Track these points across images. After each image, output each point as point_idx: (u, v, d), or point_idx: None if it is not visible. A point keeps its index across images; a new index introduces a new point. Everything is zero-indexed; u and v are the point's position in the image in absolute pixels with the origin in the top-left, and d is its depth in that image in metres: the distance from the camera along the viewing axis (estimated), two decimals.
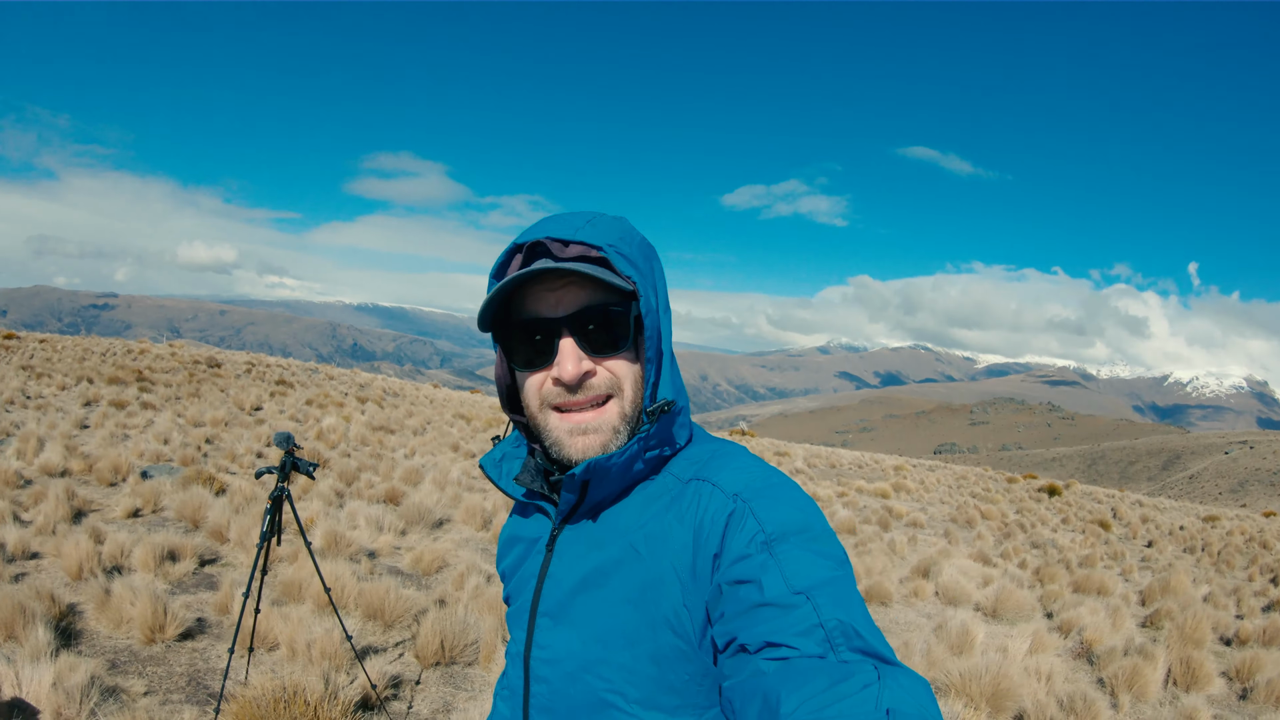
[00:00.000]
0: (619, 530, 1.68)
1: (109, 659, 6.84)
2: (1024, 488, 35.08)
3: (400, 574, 10.19)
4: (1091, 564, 17.06)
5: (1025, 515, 25.82)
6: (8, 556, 8.81)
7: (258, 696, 5.68)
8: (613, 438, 1.66)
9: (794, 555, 1.44)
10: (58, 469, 13.24)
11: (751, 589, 1.42)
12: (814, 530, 1.50)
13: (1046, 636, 9.83)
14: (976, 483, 34.88)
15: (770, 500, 1.54)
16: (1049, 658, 9.00)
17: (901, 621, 10.79)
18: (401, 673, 7.21)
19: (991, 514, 24.25)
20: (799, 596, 1.37)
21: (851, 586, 1.42)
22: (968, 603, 11.87)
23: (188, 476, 13.22)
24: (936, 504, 25.90)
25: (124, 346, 40.22)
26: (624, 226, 1.71)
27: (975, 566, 14.38)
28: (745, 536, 1.49)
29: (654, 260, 1.74)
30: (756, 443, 38.95)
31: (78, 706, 5.64)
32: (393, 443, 21.89)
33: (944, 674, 7.99)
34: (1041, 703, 7.45)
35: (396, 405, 31.49)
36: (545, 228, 1.67)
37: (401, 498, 14.31)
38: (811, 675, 1.25)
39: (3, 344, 35.58)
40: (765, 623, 1.36)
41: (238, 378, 32.81)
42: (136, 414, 21.09)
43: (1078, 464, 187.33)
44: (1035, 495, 32.97)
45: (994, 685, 7.55)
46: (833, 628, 1.32)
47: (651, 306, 1.65)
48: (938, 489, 30.42)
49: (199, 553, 9.71)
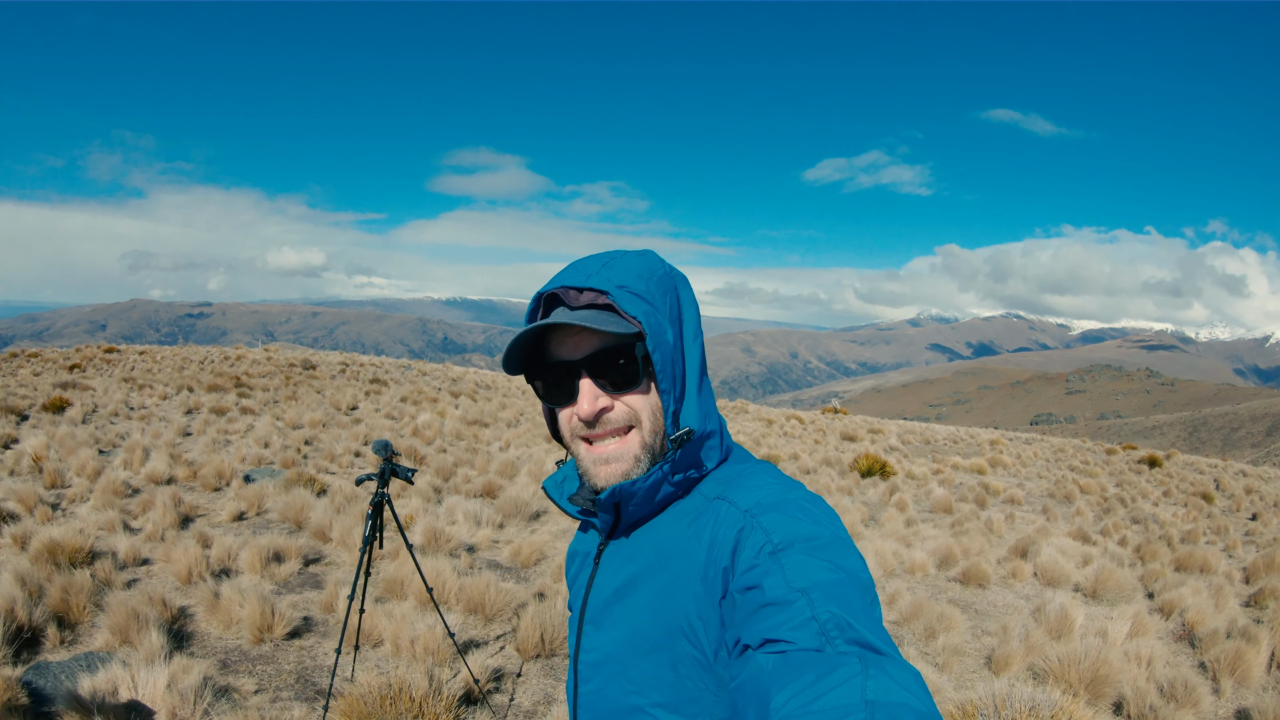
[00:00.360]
0: (649, 545, 1.81)
1: (220, 659, 7.06)
2: (1123, 459, 34.21)
3: (499, 567, 10.33)
4: (1194, 539, 16.52)
5: (1125, 489, 25.14)
6: (119, 564, 9.09)
7: (364, 694, 5.81)
8: (634, 465, 1.78)
9: (797, 560, 1.50)
10: (163, 477, 13.63)
11: (756, 593, 1.49)
12: (821, 539, 1.55)
13: (1147, 618, 9.55)
14: (1074, 455, 34.13)
15: (779, 514, 1.62)
16: (1149, 641, 8.77)
17: (999, 604, 10.60)
18: (503, 666, 7.31)
19: (1090, 488, 23.71)
20: (796, 593, 1.43)
21: (854, 589, 1.46)
22: (1067, 583, 11.61)
23: (289, 479, 13.53)
24: (1034, 479, 25.38)
25: (221, 353, 41.29)
26: (643, 263, 1.81)
27: (1074, 545, 14.05)
28: (754, 548, 1.57)
29: (675, 293, 1.84)
30: (849, 420, 38.57)
31: (192, 707, 5.81)
32: (487, 436, 22.10)
33: (1042, 659, 7.89)
34: (1141, 689, 7.28)
35: (489, 398, 31.81)
36: (563, 276, 1.81)
37: (498, 491, 14.47)
38: (803, 669, 1.30)
39: (104, 358, 36.74)
40: (765, 620, 1.43)
41: (333, 378, 33.45)
42: (236, 419, 21.63)
43: (1179, 432, 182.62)
44: (1135, 467, 32.12)
45: (1093, 671, 7.40)
46: (826, 620, 1.37)
47: (665, 341, 1.74)
48: (1035, 463, 29.85)
49: (303, 553, 9.95)
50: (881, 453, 25.95)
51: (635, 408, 1.77)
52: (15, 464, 14.03)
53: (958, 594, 10.89)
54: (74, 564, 8.62)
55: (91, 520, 10.57)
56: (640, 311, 1.71)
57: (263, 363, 36.99)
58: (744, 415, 37.30)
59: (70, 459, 14.38)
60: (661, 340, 1.72)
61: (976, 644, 9.03)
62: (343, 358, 43.84)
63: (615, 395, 1.77)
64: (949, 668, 8.11)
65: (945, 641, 8.53)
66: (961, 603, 10.48)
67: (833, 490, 18.62)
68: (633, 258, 1.81)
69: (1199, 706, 7.21)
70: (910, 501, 17.61)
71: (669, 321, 1.77)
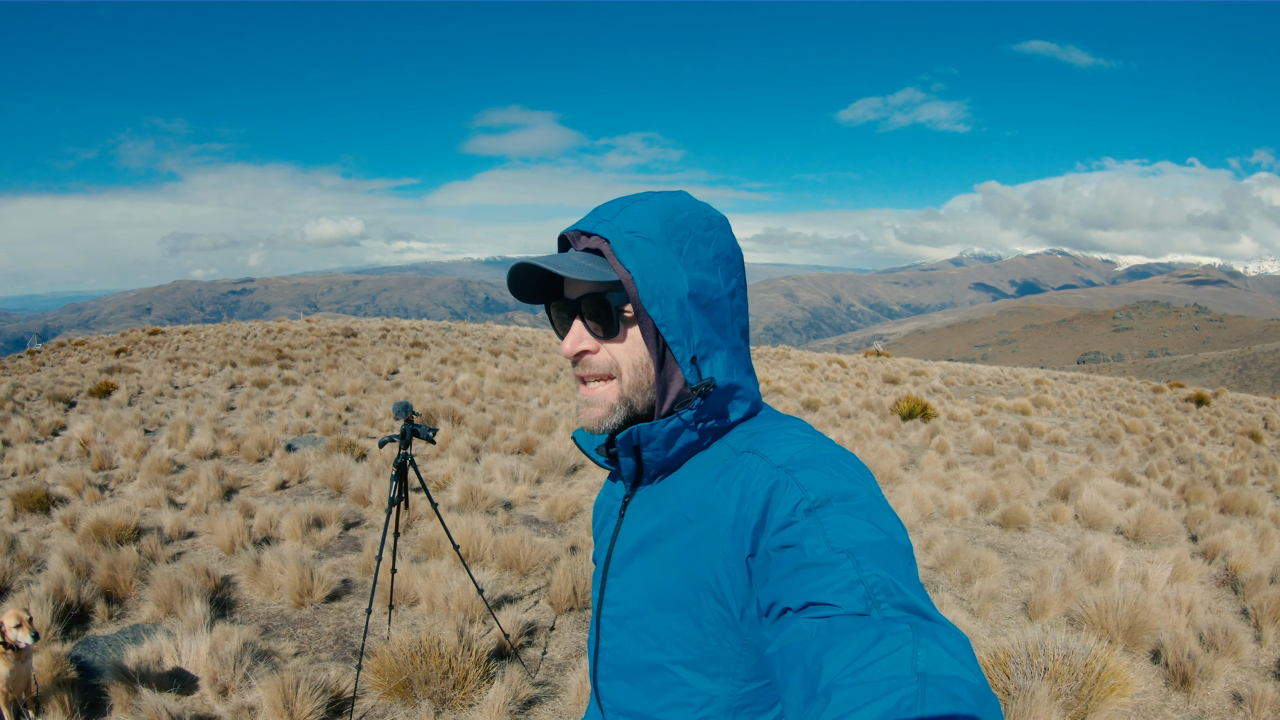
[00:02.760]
0: (674, 497, 1.75)
1: (261, 625, 7.22)
2: (1170, 398, 33.71)
3: (536, 523, 10.43)
4: (1240, 480, 16.21)
5: (1172, 428, 24.71)
6: (165, 539, 9.30)
7: (396, 651, 5.93)
8: (608, 414, 1.76)
9: (837, 519, 1.43)
10: (208, 451, 13.86)
11: (794, 552, 1.41)
12: (860, 498, 1.48)
13: (1189, 563, 9.37)
14: (1121, 394, 33.70)
15: (814, 470, 1.54)
16: (1191, 586, 8.61)
17: (1039, 548, 10.52)
18: (536, 620, 7.40)
19: (1136, 428, 23.36)
20: (840, 555, 1.36)
21: (897, 552, 1.39)
22: (1108, 526, 11.49)
23: (330, 445, 13.71)
24: (1079, 419, 25.05)
25: (263, 327, 41.64)
26: (666, 207, 1.74)
27: (1117, 486, 13.86)
28: (789, 504, 1.49)
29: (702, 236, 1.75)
30: (892, 362, 38.37)
31: (232, 671, 5.96)
32: (526, 393, 22.16)
33: (1079, 605, 7.80)
34: (1180, 636, 7.13)
35: (529, 355, 31.88)
36: (583, 219, 1.76)
37: (536, 447, 14.55)
38: (850, 636, 1.23)
39: (149, 340, 37.23)
40: (807, 583, 1.35)
41: (373, 344, 33.67)
42: (279, 391, 21.90)
43: (1228, 369, 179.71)
44: (1182, 405, 31.60)
45: (1131, 617, 7.29)
46: (873, 584, 1.30)
47: (671, 291, 1.67)
48: (1080, 402, 29.48)
49: (343, 517, 10.11)
50: (924, 395, 25.82)
51: (616, 358, 1.74)
52: (64, 449, 14.31)
53: (996, 537, 10.84)
54: (120, 541, 8.80)
55: (138, 498, 10.79)
56: (634, 263, 1.65)
57: (304, 333, 37.28)
58: (785, 361, 37.21)
59: (116, 440, 14.66)
60: (665, 291, 1.66)
61: (1013, 589, 8.98)
62: (383, 323, 44.07)
63: (602, 341, 1.75)
64: (984, 614, 8.07)
65: (981, 587, 8.47)
66: (1000, 546, 10.44)
67: (873, 434, 18.53)
68: (657, 200, 1.75)
69: (1239, 655, 7.10)
70: (951, 444, 17.49)
71: (687, 268, 1.70)
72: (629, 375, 1.74)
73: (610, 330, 1.73)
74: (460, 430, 15.92)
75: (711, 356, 1.73)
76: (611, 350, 1.74)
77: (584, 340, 1.75)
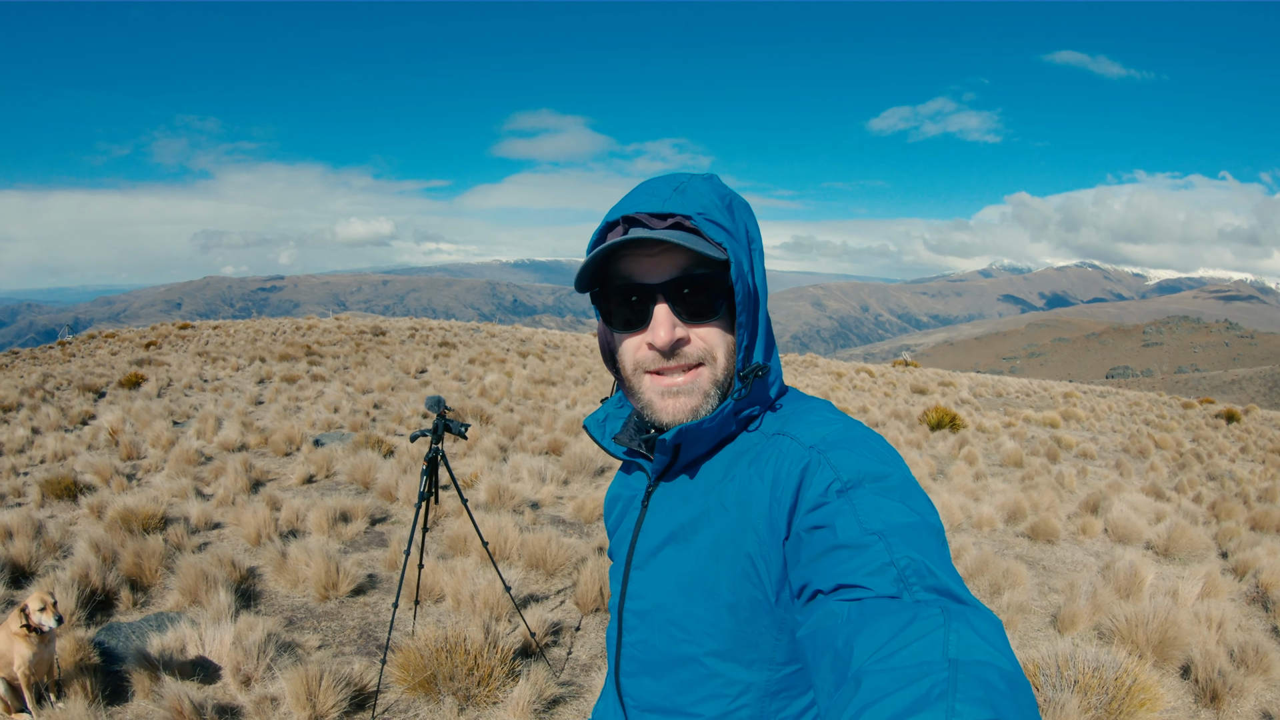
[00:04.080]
0: (707, 485, 1.72)
1: (286, 617, 7.24)
2: (1200, 413, 33.40)
3: (562, 523, 10.41)
4: (1271, 498, 15.98)
5: (1201, 444, 24.49)
6: (191, 529, 9.35)
7: (421, 646, 5.92)
8: (703, 402, 1.68)
9: (869, 500, 1.42)
10: (235, 444, 13.93)
11: (826, 533, 1.41)
12: (892, 479, 1.47)
13: (1220, 579, 9.25)
14: (1150, 409, 33.42)
15: (846, 450, 1.53)
16: (1221, 602, 8.49)
17: (1068, 561, 10.42)
18: (562, 620, 7.38)
19: (1166, 443, 23.14)
20: (872, 536, 1.35)
21: (929, 534, 1.38)
22: (1138, 541, 11.36)
23: (357, 441, 13.75)
24: (1108, 433, 24.86)
25: (293, 324, 41.90)
26: (714, 189, 1.70)
27: (1147, 501, 13.74)
28: (821, 485, 1.48)
29: (748, 221, 1.74)
30: (920, 373, 38.17)
31: (255, 662, 5.97)
32: (554, 394, 22.18)
33: (1109, 619, 7.71)
34: (1210, 652, 7.04)
35: (557, 357, 31.94)
36: (636, 200, 1.68)
37: (563, 448, 14.55)
38: (881, 620, 1.21)
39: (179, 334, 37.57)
40: (839, 565, 1.35)
41: (402, 343, 33.80)
42: (307, 386, 22.00)
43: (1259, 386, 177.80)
44: (1212, 422, 31.30)
45: (1161, 632, 7.21)
46: (905, 566, 1.29)
47: (744, 271, 1.64)
48: (1109, 417, 29.27)
49: (369, 513, 10.14)
50: (952, 406, 25.69)
51: (711, 343, 1.68)
52: (93, 438, 14.43)
53: (1025, 549, 10.75)
54: (147, 530, 8.87)
55: (165, 488, 10.87)
56: (724, 239, 1.62)
57: (333, 331, 37.50)
58: (813, 369, 37.13)
59: (145, 431, 14.76)
60: (741, 271, 1.63)
61: (1042, 601, 8.90)
62: (412, 323, 44.25)
63: (691, 325, 1.67)
64: (1013, 625, 8.00)
65: (1010, 598, 8.39)
66: (1029, 558, 10.35)
67: (901, 443, 18.42)
68: (703, 181, 1.71)
69: (1269, 673, 7.00)
70: (979, 455, 17.38)
71: (745, 252, 1.68)
72: (724, 360, 1.70)
73: (711, 311, 1.67)
74: (488, 430, 15.94)
75: (757, 338, 1.71)
76: (704, 335, 1.68)
77: (679, 326, 1.66)
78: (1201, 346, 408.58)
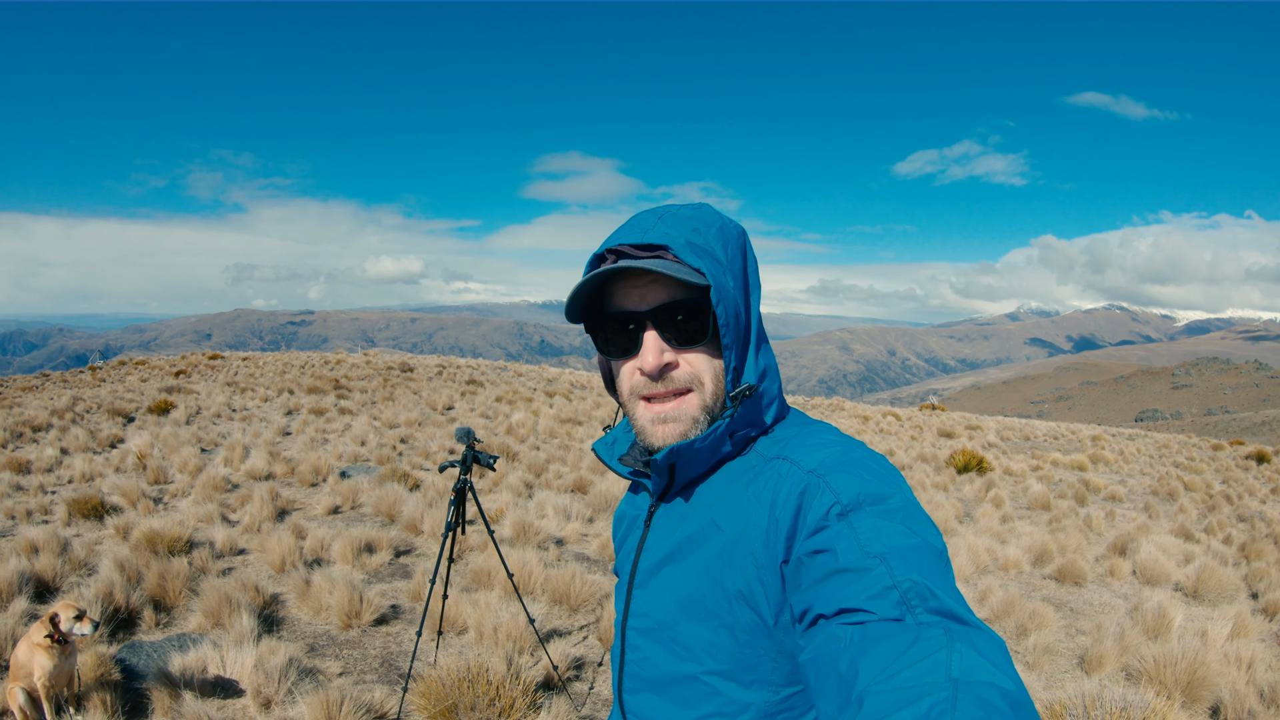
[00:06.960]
0: (704, 506, 1.75)
1: (308, 643, 7.25)
2: (1230, 455, 32.97)
3: (587, 560, 10.39)
4: None
5: (1231, 486, 24.14)
6: (216, 553, 9.42)
7: (443, 676, 5.89)
8: (691, 427, 1.72)
9: (869, 523, 1.43)
10: (262, 473, 14.02)
11: (827, 557, 1.42)
12: (892, 502, 1.48)
13: (1250, 620, 9.13)
14: (1179, 451, 33.06)
15: (845, 473, 1.54)
16: (1251, 643, 8.36)
17: (1096, 603, 10.31)
18: (585, 655, 7.34)
19: (1195, 485, 22.83)
20: (874, 560, 1.36)
21: (932, 555, 1.39)
22: (1167, 582, 11.20)
23: (383, 474, 13.80)
24: (1137, 475, 24.59)
25: (321, 358, 42.16)
26: (699, 216, 1.76)
27: (1176, 543, 13.56)
28: (821, 509, 1.49)
29: (735, 243, 1.77)
30: (947, 416, 37.97)
31: (276, 685, 5.98)
32: (580, 434, 22.18)
33: (1137, 659, 7.62)
34: (1240, 693, 6.96)
35: (584, 397, 31.95)
36: (622, 233, 1.75)
37: (589, 486, 14.54)
38: (883, 643, 1.22)
39: (209, 364, 37.90)
40: (841, 589, 1.35)
41: (429, 380, 33.92)
42: (335, 419, 22.10)
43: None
44: (1242, 463, 30.89)
45: (1190, 673, 7.11)
46: (907, 588, 1.30)
47: (727, 292, 1.68)
48: (1138, 459, 28.95)
49: (394, 544, 10.15)
50: (979, 449, 25.50)
51: (698, 368, 1.72)
52: (121, 462, 14.57)
53: (1052, 591, 10.62)
54: (172, 553, 8.93)
55: (191, 513, 10.95)
56: (705, 264, 1.65)
57: (361, 366, 37.71)
58: (840, 413, 36.97)
59: (173, 457, 14.89)
60: (724, 293, 1.66)
61: (1069, 643, 8.79)
62: (440, 360, 44.46)
63: (679, 351, 1.71)
64: (1039, 666, 7.91)
65: (1037, 640, 8.30)
66: (1056, 600, 10.23)
67: (928, 486, 18.32)
68: (688, 210, 1.76)
69: None
70: (1006, 498, 17.21)
71: (730, 274, 1.71)
72: (711, 385, 1.73)
73: (698, 336, 1.71)
74: (514, 467, 15.94)
75: (746, 361, 1.75)
76: (691, 360, 1.72)
77: (666, 352, 1.71)
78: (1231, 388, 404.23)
